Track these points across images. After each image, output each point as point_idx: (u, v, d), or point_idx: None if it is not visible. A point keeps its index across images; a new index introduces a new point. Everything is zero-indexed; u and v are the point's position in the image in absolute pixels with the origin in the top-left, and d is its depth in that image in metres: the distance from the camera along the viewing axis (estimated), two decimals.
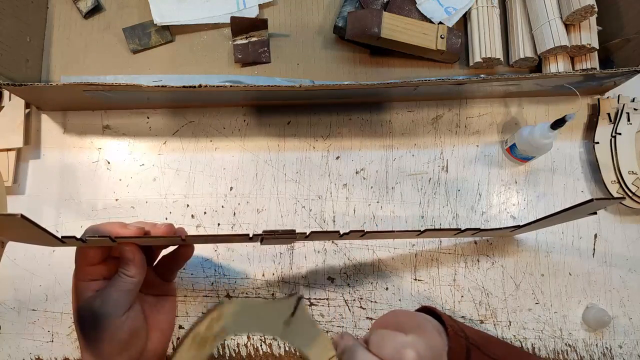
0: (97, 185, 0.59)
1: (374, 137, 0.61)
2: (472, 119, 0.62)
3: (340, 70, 0.62)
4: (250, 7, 0.63)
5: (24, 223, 0.29)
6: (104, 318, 0.38)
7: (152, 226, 0.41)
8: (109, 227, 0.39)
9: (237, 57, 0.61)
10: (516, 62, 0.62)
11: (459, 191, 0.60)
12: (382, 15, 0.58)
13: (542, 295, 0.57)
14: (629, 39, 0.58)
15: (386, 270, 0.58)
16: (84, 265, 0.39)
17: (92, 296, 0.39)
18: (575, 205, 0.41)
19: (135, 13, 0.63)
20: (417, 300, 0.57)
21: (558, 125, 0.52)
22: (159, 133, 0.61)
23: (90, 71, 0.62)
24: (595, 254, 0.59)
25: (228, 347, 0.55)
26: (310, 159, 0.60)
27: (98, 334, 0.38)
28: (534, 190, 0.60)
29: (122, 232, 0.39)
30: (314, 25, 0.64)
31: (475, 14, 0.62)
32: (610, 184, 0.58)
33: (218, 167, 0.60)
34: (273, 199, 0.59)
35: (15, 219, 0.29)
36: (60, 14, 0.63)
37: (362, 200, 0.59)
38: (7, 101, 0.60)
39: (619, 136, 0.59)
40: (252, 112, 0.62)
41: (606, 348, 0.56)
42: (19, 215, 0.28)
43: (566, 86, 0.57)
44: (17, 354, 0.55)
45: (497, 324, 0.56)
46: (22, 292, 0.56)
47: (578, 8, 0.56)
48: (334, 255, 0.58)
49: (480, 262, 0.58)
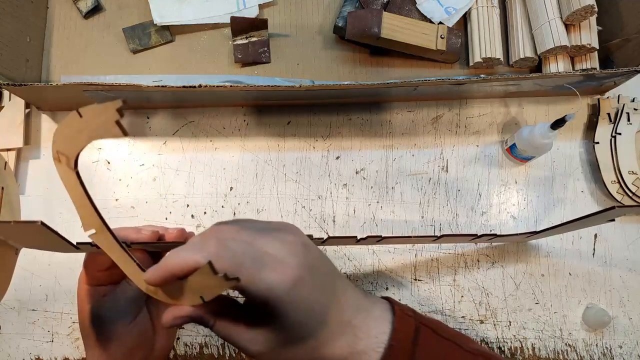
0: (97, 185, 0.59)
1: (374, 137, 0.61)
2: (472, 119, 0.62)
3: (340, 70, 0.62)
4: (250, 7, 0.63)
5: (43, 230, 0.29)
6: (112, 323, 0.38)
7: (164, 230, 0.41)
8: (122, 232, 0.38)
9: (237, 57, 0.61)
10: (516, 62, 0.62)
11: (459, 191, 0.60)
12: (382, 15, 0.58)
13: (542, 295, 0.57)
14: (629, 39, 0.58)
15: (386, 270, 0.58)
16: (93, 270, 0.38)
17: (101, 301, 0.39)
18: (596, 212, 0.41)
19: (135, 13, 0.63)
20: (417, 300, 0.57)
21: (558, 125, 0.52)
22: (159, 133, 0.61)
23: (90, 71, 0.62)
24: (595, 254, 0.59)
25: (228, 347, 0.55)
26: (310, 159, 0.60)
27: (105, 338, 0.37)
28: (534, 190, 0.60)
29: (136, 237, 0.38)
30: (314, 25, 0.64)
31: (475, 14, 0.62)
32: (610, 184, 0.58)
33: (218, 167, 0.60)
34: (273, 199, 0.59)
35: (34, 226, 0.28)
36: (60, 14, 0.63)
37: (362, 200, 0.59)
38: (7, 101, 0.60)
39: (619, 136, 0.59)
40: (252, 112, 0.62)
41: (606, 348, 0.56)
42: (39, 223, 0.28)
43: (566, 86, 0.57)
44: (17, 354, 0.55)
45: (497, 324, 0.56)
46: (22, 292, 0.56)
47: (578, 8, 0.56)
48: (334, 255, 0.58)
49: (480, 262, 0.58)
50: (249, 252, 0.30)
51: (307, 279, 0.31)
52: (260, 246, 0.31)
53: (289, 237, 0.32)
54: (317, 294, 0.31)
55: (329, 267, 0.34)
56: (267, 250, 0.30)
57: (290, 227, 0.34)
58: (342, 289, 0.34)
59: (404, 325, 0.34)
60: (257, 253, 0.30)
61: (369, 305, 0.35)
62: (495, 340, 0.56)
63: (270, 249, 0.31)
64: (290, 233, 0.33)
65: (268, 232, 0.32)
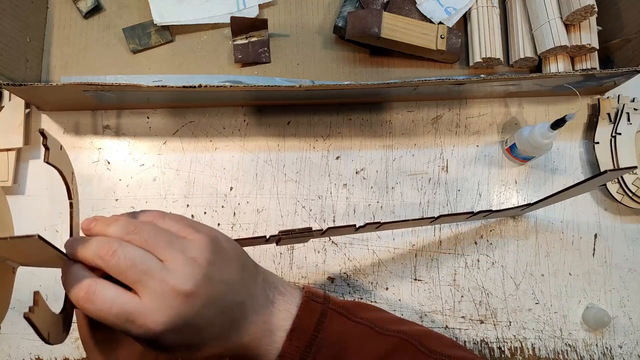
0: (97, 185, 0.59)
1: (374, 137, 0.61)
2: (472, 119, 0.62)
3: (340, 70, 0.62)
4: (250, 7, 0.63)
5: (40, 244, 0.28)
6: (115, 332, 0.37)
7: None
8: None
9: (237, 57, 0.61)
10: (516, 62, 0.62)
11: (459, 191, 0.60)
12: (382, 15, 0.58)
13: (542, 295, 0.57)
14: (629, 39, 0.58)
15: (386, 270, 0.58)
16: None
17: None
18: (589, 178, 0.42)
19: (135, 13, 0.63)
20: (417, 300, 0.57)
21: (558, 125, 0.52)
22: (159, 133, 0.61)
23: (90, 71, 0.62)
24: (595, 254, 0.59)
25: None
26: (310, 159, 0.60)
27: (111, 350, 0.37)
28: (534, 190, 0.60)
29: None
30: (314, 25, 0.64)
31: (475, 14, 0.62)
32: (610, 184, 0.58)
33: (218, 167, 0.60)
34: (273, 199, 0.59)
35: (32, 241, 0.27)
36: (60, 14, 0.63)
37: (362, 200, 0.59)
38: (7, 101, 0.59)
39: (619, 136, 0.59)
40: (252, 112, 0.62)
41: (606, 348, 0.56)
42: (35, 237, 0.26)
43: (566, 86, 0.57)
44: (17, 354, 0.55)
45: (497, 324, 0.56)
46: (22, 292, 0.56)
47: (578, 8, 0.56)
48: (334, 255, 0.58)
49: (480, 262, 0.58)
50: (139, 267, 0.29)
51: (200, 301, 0.30)
52: (159, 257, 0.30)
53: (194, 251, 0.31)
54: (218, 305, 0.31)
55: (233, 262, 0.34)
56: (165, 265, 0.30)
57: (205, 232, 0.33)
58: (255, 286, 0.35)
59: (308, 311, 0.35)
60: (149, 268, 0.30)
61: (281, 294, 0.36)
62: (495, 340, 0.56)
63: (170, 263, 0.30)
64: (196, 247, 0.31)
65: (174, 241, 0.31)
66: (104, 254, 0.30)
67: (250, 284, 0.34)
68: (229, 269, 0.33)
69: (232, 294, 0.32)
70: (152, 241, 0.31)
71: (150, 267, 0.30)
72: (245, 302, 0.33)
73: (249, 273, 0.35)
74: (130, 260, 0.30)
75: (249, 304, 0.33)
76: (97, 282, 0.30)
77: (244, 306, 0.33)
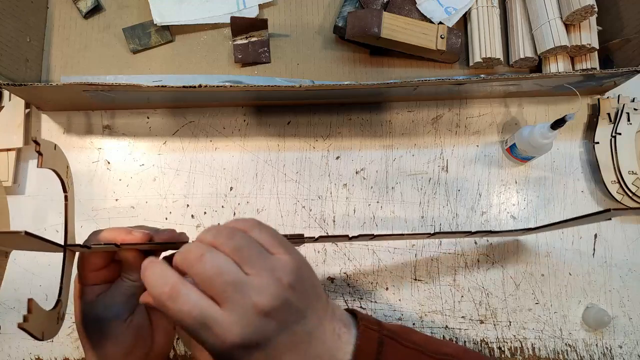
0: (97, 185, 0.59)
1: (374, 137, 0.61)
2: (472, 119, 0.62)
3: (340, 70, 0.62)
4: (250, 7, 0.63)
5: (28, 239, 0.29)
6: (107, 322, 0.38)
7: (155, 232, 0.41)
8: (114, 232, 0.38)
9: (237, 57, 0.61)
10: (516, 62, 0.62)
11: (459, 191, 0.60)
12: (382, 15, 0.58)
13: (542, 295, 0.57)
14: (629, 39, 0.58)
15: (386, 270, 0.58)
16: (87, 270, 0.39)
17: (96, 300, 0.39)
18: (592, 213, 0.42)
19: (135, 13, 0.63)
20: (417, 300, 0.57)
21: (558, 125, 0.52)
22: (159, 133, 0.61)
23: (90, 71, 0.62)
24: (595, 254, 0.59)
25: None
26: (310, 159, 0.60)
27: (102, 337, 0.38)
28: (534, 190, 0.60)
29: (126, 238, 0.38)
30: (314, 25, 0.64)
31: (475, 14, 0.62)
32: (610, 184, 0.58)
33: (218, 167, 0.60)
34: (273, 199, 0.59)
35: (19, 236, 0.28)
36: (60, 14, 0.63)
37: (362, 200, 0.59)
38: (7, 101, 0.59)
39: (619, 136, 0.59)
40: (252, 112, 0.62)
41: (606, 348, 0.56)
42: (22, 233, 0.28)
43: (566, 86, 0.57)
44: (17, 354, 0.55)
45: (497, 324, 0.56)
46: (22, 292, 0.56)
47: (578, 8, 0.56)
48: (334, 255, 0.58)
49: (480, 262, 0.58)
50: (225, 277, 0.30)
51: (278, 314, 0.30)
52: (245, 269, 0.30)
53: (281, 272, 0.31)
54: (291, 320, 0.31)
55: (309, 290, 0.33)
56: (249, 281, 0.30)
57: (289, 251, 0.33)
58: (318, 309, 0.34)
59: (367, 340, 0.34)
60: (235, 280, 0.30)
61: (346, 327, 0.35)
62: (495, 340, 0.56)
63: (255, 279, 0.30)
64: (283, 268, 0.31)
65: (264, 257, 0.31)
66: (192, 258, 0.30)
67: (322, 317, 0.34)
68: (306, 297, 0.32)
69: (303, 324, 0.32)
70: (242, 252, 0.31)
71: (235, 279, 0.29)
72: (313, 333, 0.33)
73: (321, 305, 0.34)
74: (217, 269, 0.29)
75: (317, 335, 0.33)
76: (184, 283, 0.30)
77: (312, 337, 0.33)
